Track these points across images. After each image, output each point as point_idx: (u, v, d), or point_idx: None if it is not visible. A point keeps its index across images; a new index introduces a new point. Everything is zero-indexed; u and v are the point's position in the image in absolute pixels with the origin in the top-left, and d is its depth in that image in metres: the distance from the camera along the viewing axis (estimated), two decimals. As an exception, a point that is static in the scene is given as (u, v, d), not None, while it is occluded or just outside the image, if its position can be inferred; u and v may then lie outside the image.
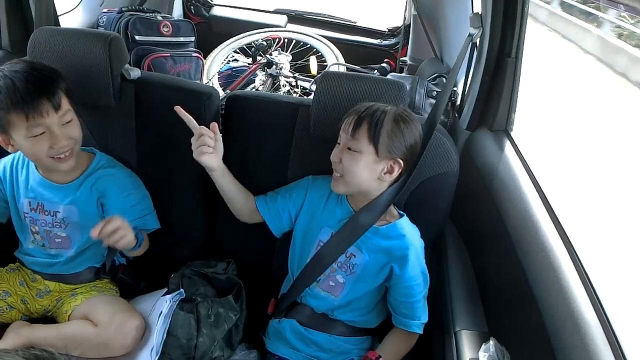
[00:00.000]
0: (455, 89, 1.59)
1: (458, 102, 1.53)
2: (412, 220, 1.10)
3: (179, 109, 1.03)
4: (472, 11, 1.66)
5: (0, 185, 1.13)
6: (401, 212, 1.11)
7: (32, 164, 1.12)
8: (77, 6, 2.13)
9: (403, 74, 2.31)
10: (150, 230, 1.18)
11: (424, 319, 1.07)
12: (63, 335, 1.06)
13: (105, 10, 2.15)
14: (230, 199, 1.15)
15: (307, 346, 1.10)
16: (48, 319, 1.17)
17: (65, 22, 1.78)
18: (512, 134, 1.31)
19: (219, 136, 1.04)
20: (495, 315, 1.02)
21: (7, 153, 1.18)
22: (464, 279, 1.12)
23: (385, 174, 1.00)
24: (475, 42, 1.35)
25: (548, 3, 6.80)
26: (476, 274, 1.15)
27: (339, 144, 1.03)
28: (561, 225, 0.96)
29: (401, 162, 0.99)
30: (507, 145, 1.25)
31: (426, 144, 1.05)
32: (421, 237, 1.10)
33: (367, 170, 0.99)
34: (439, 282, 1.13)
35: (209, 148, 1.02)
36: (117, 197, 1.13)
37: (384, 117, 0.97)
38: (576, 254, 0.89)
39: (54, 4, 1.45)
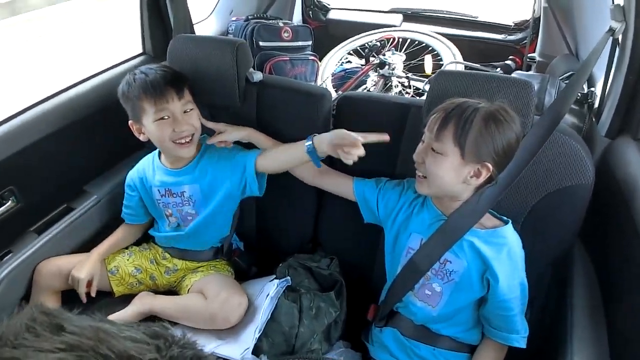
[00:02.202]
0: (593, 89, 1.39)
1: (596, 105, 1.34)
2: (534, 237, 1.01)
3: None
4: (613, 2, 1.44)
5: (135, 192, 1.31)
6: (505, 219, 1.01)
7: (156, 161, 1.28)
8: (209, 16, 2.37)
9: (530, 72, 2.12)
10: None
11: (525, 332, 0.98)
12: (178, 306, 1.21)
13: (234, 18, 2.35)
14: None
15: (410, 358, 1.07)
16: (170, 291, 1.33)
17: (199, 30, 1.99)
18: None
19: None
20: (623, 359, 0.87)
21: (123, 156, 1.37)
22: (589, 310, 0.98)
23: (471, 177, 0.93)
24: (617, 38, 1.17)
25: None
26: (605, 307, 0.99)
27: (423, 141, 0.97)
28: None
29: (489, 166, 0.90)
30: None
31: (542, 143, 0.94)
32: (543, 256, 0.99)
33: (451, 173, 0.92)
34: (558, 308, 1.01)
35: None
36: (225, 163, 1.23)
37: (474, 116, 0.88)
38: None
39: (189, 14, 1.63)
